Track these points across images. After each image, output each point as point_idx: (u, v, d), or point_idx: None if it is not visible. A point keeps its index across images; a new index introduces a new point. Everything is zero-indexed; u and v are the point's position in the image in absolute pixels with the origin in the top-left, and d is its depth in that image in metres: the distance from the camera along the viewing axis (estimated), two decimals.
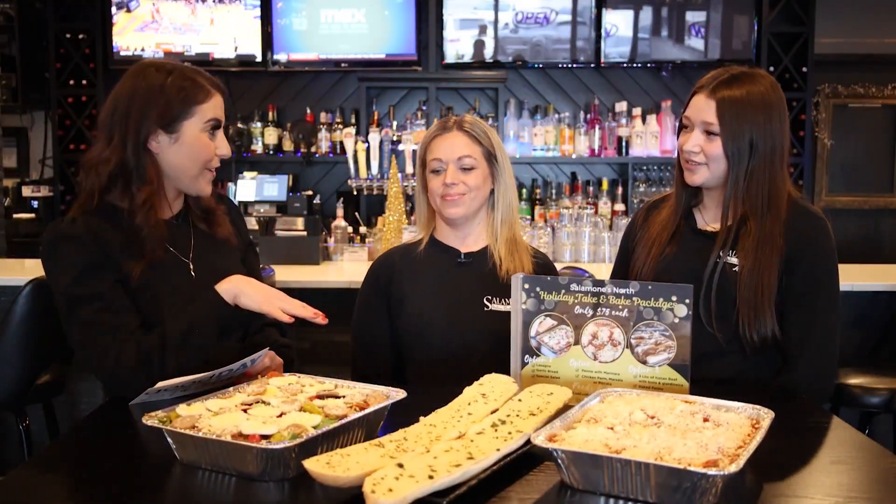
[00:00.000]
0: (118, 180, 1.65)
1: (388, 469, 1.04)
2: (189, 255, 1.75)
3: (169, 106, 1.64)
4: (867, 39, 5.19)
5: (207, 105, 1.68)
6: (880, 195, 5.35)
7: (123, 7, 4.69)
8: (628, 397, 1.34)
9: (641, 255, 1.91)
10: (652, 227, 1.93)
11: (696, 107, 1.79)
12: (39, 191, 4.89)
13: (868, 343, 3.21)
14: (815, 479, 1.22)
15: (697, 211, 1.90)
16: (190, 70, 1.70)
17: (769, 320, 1.72)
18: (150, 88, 1.65)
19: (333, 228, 3.94)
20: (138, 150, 1.65)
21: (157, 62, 1.71)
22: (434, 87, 4.74)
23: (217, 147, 1.71)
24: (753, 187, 1.76)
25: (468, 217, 1.93)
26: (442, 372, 1.84)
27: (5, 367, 2.30)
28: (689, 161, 1.80)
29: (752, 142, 1.75)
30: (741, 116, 1.74)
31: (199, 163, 1.69)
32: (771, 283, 1.73)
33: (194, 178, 1.70)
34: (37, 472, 1.24)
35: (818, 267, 1.77)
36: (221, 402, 1.29)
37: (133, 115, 1.65)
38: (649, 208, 2.01)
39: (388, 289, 1.95)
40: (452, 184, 1.88)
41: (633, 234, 2.00)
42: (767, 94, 1.77)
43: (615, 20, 4.63)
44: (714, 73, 1.80)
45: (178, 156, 1.68)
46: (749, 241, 1.75)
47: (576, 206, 4.33)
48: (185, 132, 1.66)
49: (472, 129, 1.91)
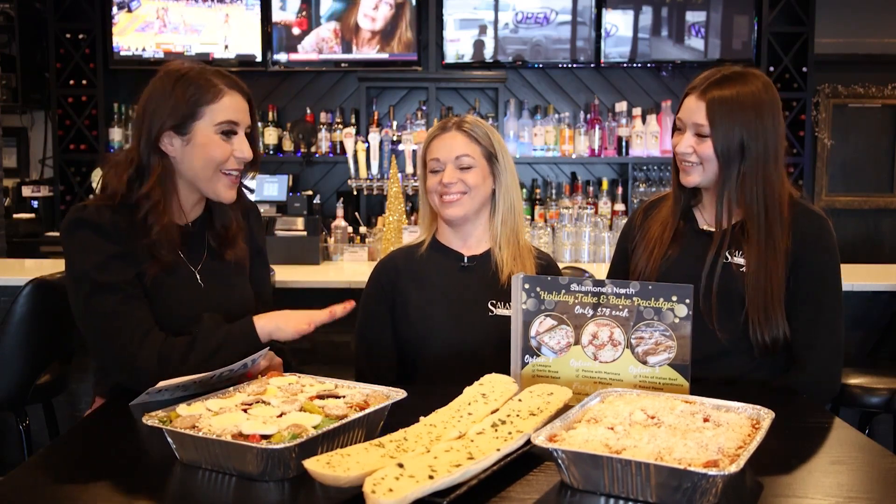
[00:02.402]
0: (135, 181, 1.67)
1: (389, 469, 1.04)
2: (199, 264, 1.75)
3: (177, 108, 1.64)
4: (867, 39, 5.19)
5: (219, 105, 1.66)
6: (880, 195, 5.35)
7: (124, 7, 4.69)
8: (628, 397, 1.34)
9: (643, 257, 1.90)
10: (651, 228, 1.93)
11: (688, 108, 1.79)
12: (39, 191, 4.89)
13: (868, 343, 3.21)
14: (815, 479, 1.22)
15: (698, 211, 1.90)
16: (209, 71, 1.69)
17: (780, 321, 1.73)
18: (162, 91, 1.66)
19: (333, 228, 3.94)
20: (150, 149, 1.66)
21: (177, 64, 1.70)
22: (434, 87, 4.75)
23: (234, 149, 1.68)
24: (747, 188, 1.76)
25: (468, 218, 1.92)
26: (446, 376, 1.83)
27: (5, 367, 2.30)
28: (684, 162, 1.80)
29: (743, 142, 1.74)
30: (731, 117, 1.73)
31: (212, 164, 1.67)
32: (779, 284, 1.73)
33: (209, 180, 1.69)
34: (37, 472, 1.24)
35: (823, 266, 1.77)
36: (221, 402, 1.29)
37: (146, 116, 1.66)
38: (647, 209, 2.01)
39: (392, 292, 1.95)
40: (450, 183, 1.87)
41: (631, 235, 1.99)
42: (759, 94, 1.76)
43: (615, 20, 4.63)
44: (706, 74, 1.80)
45: (191, 158, 1.67)
46: (752, 242, 1.75)
47: (576, 206, 4.33)
48: (196, 133, 1.66)
49: (471, 129, 1.91)
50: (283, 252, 3.64)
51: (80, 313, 1.62)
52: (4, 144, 4.85)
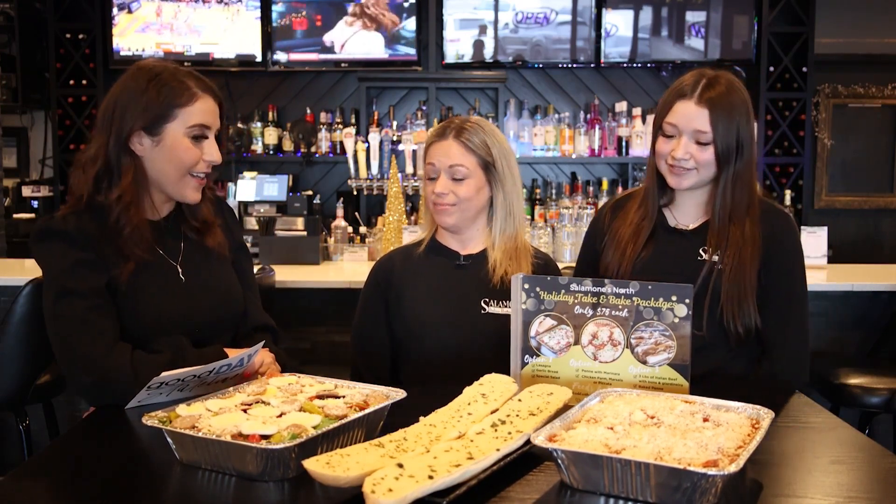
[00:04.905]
0: (104, 180, 1.65)
1: (388, 469, 1.04)
2: (178, 258, 1.73)
3: (149, 107, 1.62)
4: (867, 39, 5.19)
5: (192, 108, 1.64)
6: (880, 195, 5.35)
7: (125, 8, 4.69)
8: (628, 397, 1.34)
9: (614, 257, 1.90)
10: (621, 228, 1.93)
11: (685, 115, 1.78)
12: (39, 191, 4.90)
13: (868, 343, 3.21)
14: (815, 479, 1.22)
15: (668, 210, 1.92)
16: (181, 72, 1.67)
17: (752, 312, 1.79)
18: (135, 89, 1.63)
19: (333, 228, 3.94)
20: (119, 149, 1.64)
21: (151, 63, 1.68)
22: (434, 87, 4.75)
23: (204, 153, 1.67)
24: (738, 190, 1.81)
25: (461, 226, 1.93)
26: (438, 373, 1.84)
27: (5, 367, 2.30)
28: (677, 167, 1.80)
29: (740, 144, 1.78)
30: (730, 121, 1.77)
31: (182, 168, 1.66)
32: (752, 278, 1.79)
33: (176, 183, 1.67)
34: (37, 473, 1.24)
35: (789, 262, 1.84)
36: (221, 402, 1.29)
37: (117, 115, 1.64)
38: (614, 208, 2.01)
39: (388, 290, 1.95)
40: (442, 193, 1.88)
41: (600, 234, 1.99)
42: (745, 97, 1.82)
43: (615, 20, 4.63)
44: (692, 79, 1.80)
45: (160, 160, 1.65)
46: (732, 241, 1.80)
47: (576, 206, 4.33)
48: (166, 135, 1.64)
49: (467, 139, 1.88)
50: (283, 252, 3.64)
51: (48, 319, 1.60)
52: (4, 144, 4.85)
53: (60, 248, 1.60)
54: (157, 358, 1.57)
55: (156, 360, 1.55)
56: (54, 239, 1.61)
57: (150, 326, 1.64)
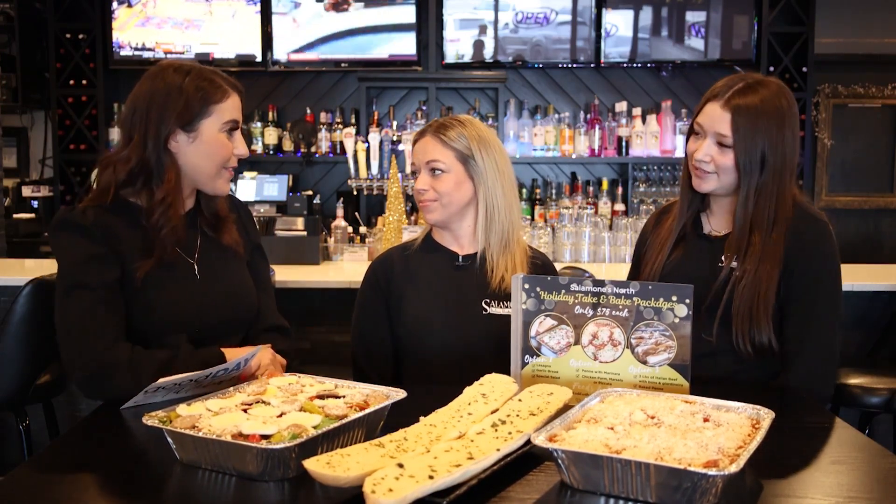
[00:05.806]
0: (138, 178, 1.67)
1: (389, 469, 1.04)
2: (194, 255, 1.75)
3: (188, 105, 1.65)
4: (867, 39, 5.19)
5: (225, 105, 1.70)
6: (880, 195, 5.35)
7: (124, 2, 4.69)
8: (628, 397, 1.34)
9: (651, 260, 1.91)
10: (661, 232, 1.94)
11: (710, 115, 1.75)
12: (39, 191, 4.89)
13: (868, 343, 3.21)
14: (815, 479, 1.22)
15: (704, 216, 1.90)
16: (208, 71, 1.72)
17: (764, 329, 1.72)
18: (169, 88, 1.66)
19: (333, 228, 3.94)
20: (159, 149, 1.66)
21: (176, 63, 1.71)
22: (434, 87, 4.74)
23: (235, 147, 1.73)
24: (762, 202, 1.75)
25: (448, 221, 1.93)
26: (440, 374, 1.85)
27: (5, 367, 2.30)
28: (699, 169, 1.79)
29: (764, 156, 1.73)
30: (755, 130, 1.71)
31: (218, 162, 1.71)
32: (769, 294, 1.72)
33: (212, 177, 1.72)
34: (37, 472, 1.24)
35: (818, 268, 1.76)
36: (221, 402, 1.29)
37: (152, 114, 1.66)
38: (660, 213, 2.02)
39: (388, 289, 1.95)
40: (421, 189, 1.90)
41: (644, 240, 2.01)
42: (781, 106, 1.74)
43: (615, 20, 4.63)
44: (728, 82, 1.77)
45: (196, 155, 1.69)
46: (753, 253, 1.74)
47: (576, 206, 4.34)
48: (203, 131, 1.68)
49: (444, 134, 1.88)
50: (283, 252, 3.63)
51: (56, 308, 1.62)
52: (4, 144, 4.85)
53: (77, 240, 1.62)
54: (155, 353, 1.59)
55: (154, 356, 1.57)
56: (72, 231, 1.63)
57: (163, 322, 1.65)
